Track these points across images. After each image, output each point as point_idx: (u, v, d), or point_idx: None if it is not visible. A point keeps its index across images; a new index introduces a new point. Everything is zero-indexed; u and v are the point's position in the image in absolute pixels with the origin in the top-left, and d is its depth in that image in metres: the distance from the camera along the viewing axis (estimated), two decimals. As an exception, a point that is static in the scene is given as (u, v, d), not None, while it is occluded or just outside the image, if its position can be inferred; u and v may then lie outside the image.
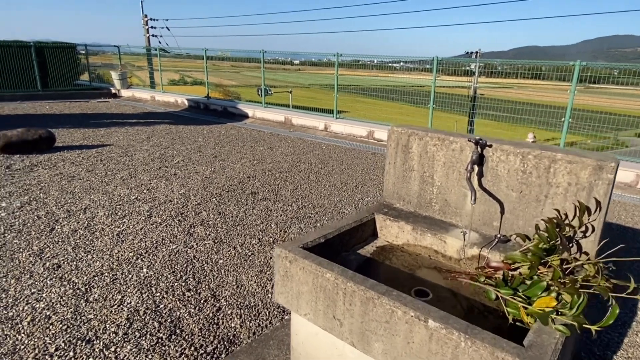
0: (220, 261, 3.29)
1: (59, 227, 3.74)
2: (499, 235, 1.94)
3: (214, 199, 4.64)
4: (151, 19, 25.58)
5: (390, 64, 12.35)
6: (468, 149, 2.02)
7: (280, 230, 3.93)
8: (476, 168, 1.96)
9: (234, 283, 2.99)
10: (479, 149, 1.94)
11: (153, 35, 25.78)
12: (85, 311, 2.56)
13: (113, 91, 14.87)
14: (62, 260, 3.16)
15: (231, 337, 2.41)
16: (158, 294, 2.79)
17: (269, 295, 2.86)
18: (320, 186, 5.36)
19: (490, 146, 1.94)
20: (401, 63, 12.87)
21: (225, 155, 6.73)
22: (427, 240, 2.07)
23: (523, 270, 1.65)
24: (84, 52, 15.77)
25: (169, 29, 27.19)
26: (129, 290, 2.81)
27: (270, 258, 3.38)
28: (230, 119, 10.80)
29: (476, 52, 22.58)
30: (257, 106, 11.34)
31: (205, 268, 3.17)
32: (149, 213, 4.14)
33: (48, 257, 3.20)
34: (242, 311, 2.67)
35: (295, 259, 1.71)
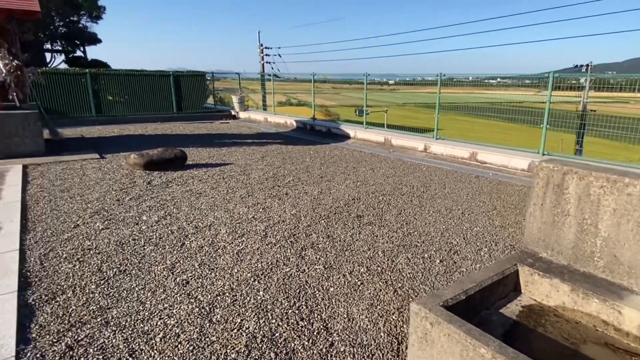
0: (331, 289, 3.09)
1: (188, 242, 3.87)
2: (702, 314, 1.41)
3: (323, 221, 4.49)
4: (266, 47, 27.27)
5: (486, 80, 11.33)
6: (653, 198, 1.53)
7: (388, 259, 3.61)
8: (667, 224, 1.47)
9: (345, 315, 2.76)
10: (673, 201, 1.45)
11: (267, 62, 27.44)
12: (209, 332, 2.52)
13: (233, 113, 15.97)
14: (190, 276, 3.22)
15: (347, 381, 2.16)
16: (273, 321, 2.66)
17: (381, 335, 2.56)
18: (424, 212, 4.93)
19: (690, 198, 1.43)
20: (498, 79, 11.74)
21: (330, 176, 6.63)
22: (592, 307, 1.61)
23: None
24: (209, 78, 17.24)
25: (280, 56, 28.63)
26: (247, 313, 2.73)
27: (381, 291, 3.08)
28: (334, 139, 10.80)
29: (587, 65, 20.03)
30: (358, 127, 11.21)
31: (317, 295, 2.99)
32: (264, 233, 4.12)
33: (178, 272, 3.29)
34: (354, 350, 2.41)
35: (438, 321, 1.40)
